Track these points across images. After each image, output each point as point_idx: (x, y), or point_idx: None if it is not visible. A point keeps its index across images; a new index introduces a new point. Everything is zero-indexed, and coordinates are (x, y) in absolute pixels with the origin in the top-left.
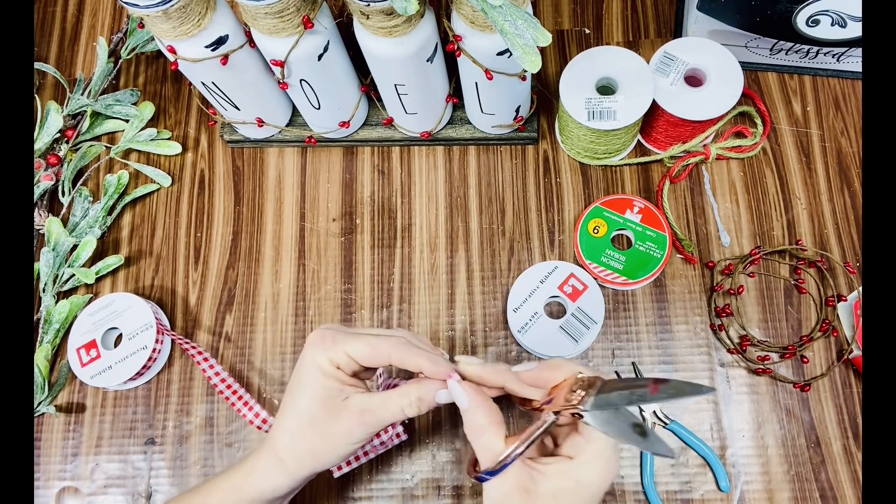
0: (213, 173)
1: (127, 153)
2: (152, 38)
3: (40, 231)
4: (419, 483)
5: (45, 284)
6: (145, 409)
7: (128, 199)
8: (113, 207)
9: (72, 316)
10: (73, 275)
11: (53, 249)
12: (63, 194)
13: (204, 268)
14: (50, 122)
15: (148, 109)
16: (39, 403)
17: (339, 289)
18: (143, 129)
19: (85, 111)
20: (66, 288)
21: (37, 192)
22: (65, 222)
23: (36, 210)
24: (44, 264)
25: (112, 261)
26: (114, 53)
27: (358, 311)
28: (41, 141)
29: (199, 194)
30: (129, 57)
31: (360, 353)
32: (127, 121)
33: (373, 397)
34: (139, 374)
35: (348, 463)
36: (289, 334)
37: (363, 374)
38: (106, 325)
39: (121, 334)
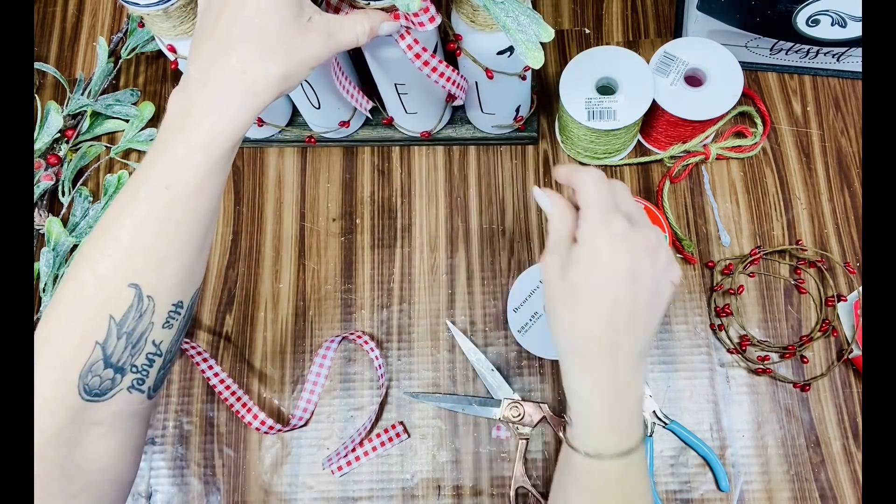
0: None
1: (127, 153)
2: (152, 38)
3: (40, 231)
4: (419, 483)
5: (45, 284)
6: None
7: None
8: None
9: None
10: None
11: (53, 249)
12: (63, 194)
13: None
14: (50, 122)
15: (148, 109)
16: None
17: (339, 289)
18: (143, 129)
19: (85, 111)
20: None
21: (37, 192)
22: (65, 222)
23: (36, 210)
24: (44, 264)
25: None
26: (114, 53)
27: (358, 311)
28: (41, 141)
29: None
30: (129, 57)
31: None
32: (127, 121)
33: (331, 20)
34: None
35: (349, 463)
36: (289, 334)
37: None
38: None
39: None
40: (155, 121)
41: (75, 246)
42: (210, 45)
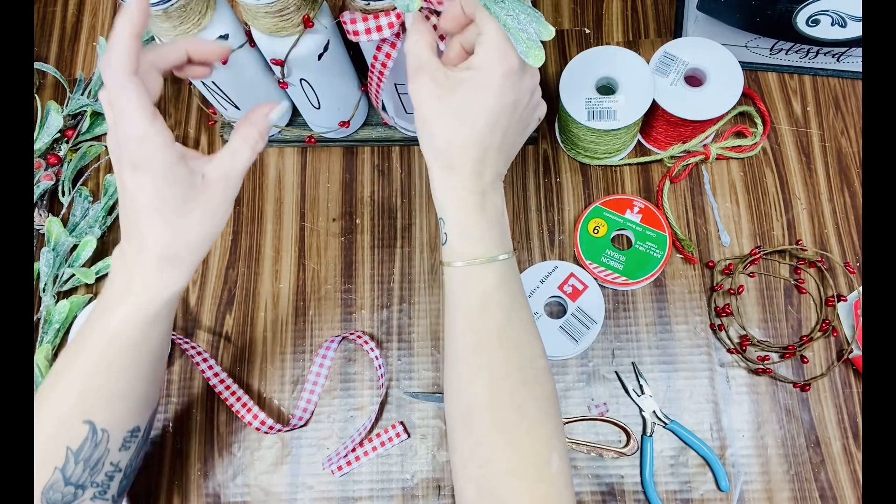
0: None
1: None
2: (152, 38)
3: (40, 231)
4: (419, 483)
5: (45, 284)
6: None
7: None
8: (113, 207)
9: (72, 316)
10: (74, 275)
11: (53, 249)
12: (63, 194)
13: (204, 268)
14: (50, 121)
15: None
16: None
17: (339, 289)
18: None
19: (85, 111)
20: (66, 288)
21: (37, 192)
22: (65, 222)
23: (36, 210)
24: (44, 264)
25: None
26: None
27: (358, 311)
28: (41, 141)
29: None
30: None
31: (159, 57)
32: None
33: (220, 159)
34: None
35: (349, 463)
36: (289, 334)
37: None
38: None
39: None
40: None
41: (75, 246)
42: (127, 226)
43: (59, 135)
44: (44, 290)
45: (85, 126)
